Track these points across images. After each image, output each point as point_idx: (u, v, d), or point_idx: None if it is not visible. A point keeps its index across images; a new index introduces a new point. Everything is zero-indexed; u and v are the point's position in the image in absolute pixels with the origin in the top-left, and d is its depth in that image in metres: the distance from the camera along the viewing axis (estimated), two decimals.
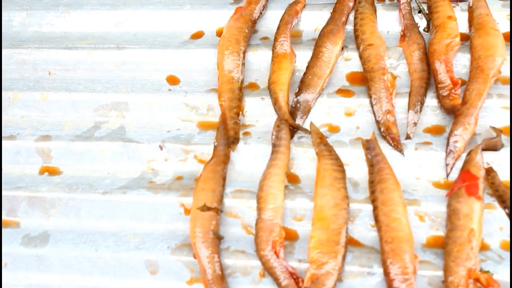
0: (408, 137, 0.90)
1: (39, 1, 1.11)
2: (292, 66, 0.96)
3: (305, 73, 0.96)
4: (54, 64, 1.04)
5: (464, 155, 0.87)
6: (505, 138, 0.87)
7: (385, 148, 0.89)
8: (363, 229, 0.85)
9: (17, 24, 1.09)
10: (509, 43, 0.94)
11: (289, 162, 0.89)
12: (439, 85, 0.91)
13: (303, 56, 0.98)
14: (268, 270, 0.81)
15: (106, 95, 0.99)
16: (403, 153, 0.88)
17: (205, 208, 0.85)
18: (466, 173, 0.85)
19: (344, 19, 1.00)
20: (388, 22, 1.01)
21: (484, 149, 0.86)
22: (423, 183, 0.87)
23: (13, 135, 0.96)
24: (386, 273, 0.79)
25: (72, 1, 1.10)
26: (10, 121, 0.98)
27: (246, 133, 0.94)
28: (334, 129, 0.93)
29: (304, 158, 0.90)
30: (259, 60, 1.00)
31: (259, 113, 0.95)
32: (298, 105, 0.94)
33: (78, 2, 1.10)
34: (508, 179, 0.85)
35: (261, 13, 1.03)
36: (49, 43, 1.05)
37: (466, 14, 0.99)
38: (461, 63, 0.95)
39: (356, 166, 0.89)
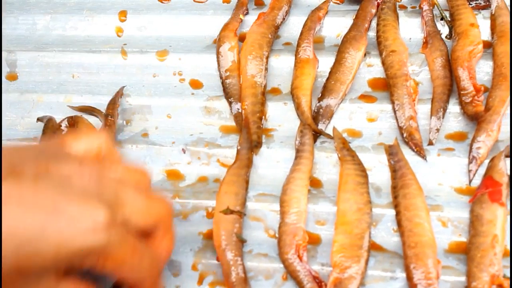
0: (430, 143, 0.91)
1: (63, 5, 1.12)
2: (314, 72, 0.97)
3: (327, 79, 0.97)
4: (77, 67, 1.04)
5: (486, 162, 0.87)
6: None
7: (407, 153, 0.89)
8: (385, 234, 0.85)
9: (41, 27, 1.10)
10: None
11: (312, 167, 0.89)
12: (462, 92, 0.91)
13: (325, 62, 0.99)
14: (291, 274, 0.82)
15: (129, 99, 1.00)
16: (425, 159, 0.89)
17: (228, 212, 0.85)
18: (489, 180, 0.85)
19: (366, 25, 1.00)
20: (410, 28, 1.02)
21: (507, 156, 0.86)
22: (445, 188, 0.87)
23: (37, 137, 0.97)
24: (409, 278, 0.79)
25: (96, 5, 1.11)
26: (34, 123, 0.99)
27: (268, 137, 0.94)
28: (356, 134, 0.94)
29: (326, 163, 0.91)
30: (281, 65, 1.00)
31: (282, 117, 0.96)
32: (321, 110, 0.95)
33: (102, 7, 1.11)
34: None
35: (283, 18, 1.04)
36: (73, 47, 1.06)
37: (488, 22, 0.99)
38: (483, 70, 0.96)
39: (379, 171, 0.89)
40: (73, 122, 0.97)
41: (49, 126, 0.96)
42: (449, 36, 0.99)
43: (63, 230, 0.63)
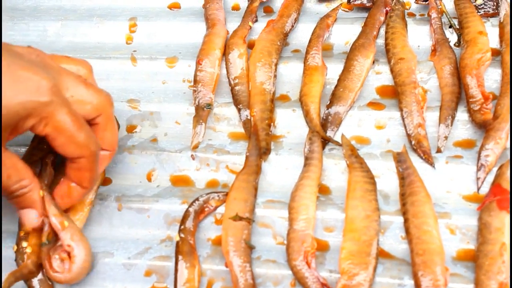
0: (439, 151, 0.91)
1: (73, 12, 1.13)
2: (323, 79, 0.97)
3: (336, 86, 0.97)
4: None
5: (495, 169, 0.88)
6: None
7: (416, 161, 0.90)
8: (393, 241, 0.85)
9: (52, 34, 1.11)
10: None
11: (321, 174, 0.90)
12: (470, 100, 0.92)
13: (334, 69, 0.99)
14: (299, 280, 0.82)
15: (138, 105, 1.01)
16: (434, 166, 0.89)
17: (237, 218, 0.86)
18: (497, 187, 0.85)
19: (375, 33, 1.01)
20: (419, 36, 1.02)
21: None
22: (453, 196, 0.88)
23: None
24: (417, 285, 0.79)
25: (106, 12, 1.12)
26: None
27: (277, 144, 0.95)
28: (365, 142, 0.94)
29: (335, 170, 0.91)
30: (290, 72, 1.01)
31: (290, 124, 0.96)
32: (329, 117, 0.95)
33: (112, 13, 1.12)
34: None
35: (292, 26, 1.04)
36: (83, 53, 1.07)
37: (497, 30, 0.99)
38: (492, 78, 0.96)
39: (387, 179, 0.89)
40: None
41: None
42: (458, 43, 1.00)
43: (12, 87, 0.74)
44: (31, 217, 0.83)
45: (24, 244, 0.86)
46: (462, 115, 0.93)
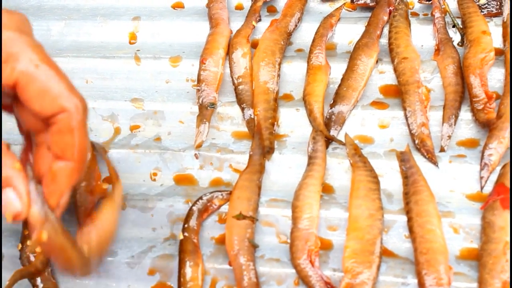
0: (442, 150, 0.91)
1: (77, 11, 1.13)
2: (327, 78, 0.97)
3: (340, 85, 0.97)
4: (91, 73, 1.05)
5: (498, 168, 0.88)
6: None
7: (419, 160, 0.89)
8: (397, 240, 0.85)
9: (55, 33, 1.11)
10: None
11: (324, 173, 0.90)
12: (474, 99, 0.92)
13: (337, 69, 0.99)
14: (303, 279, 0.82)
15: (142, 104, 1.01)
16: (437, 166, 0.89)
17: (241, 217, 0.86)
18: (500, 186, 0.85)
19: (378, 32, 1.01)
20: (422, 36, 1.02)
21: None
22: (457, 195, 0.88)
23: None
24: (421, 284, 0.79)
25: (110, 11, 1.12)
26: None
27: (280, 143, 0.95)
28: (368, 141, 0.94)
29: (338, 169, 0.91)
30: (294, 71, 1.01)
31: (294, 124, 0.96)
32: (333, 116, 0.95)
33: (116, 13, 1.12)
34: None
35: (296, 25, 1.04)
36: (86, 52, 1.07)
37: (500, 29, 1.00)
38: (495, 77, 0.96)
39: (390, 178, 0.89)
40: None
41: None
42: (461, 43, 1.00)
43: None
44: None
45: (29, 242, 0.86)
46: (465, 114, 0.93)
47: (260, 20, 1.06)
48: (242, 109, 0.98)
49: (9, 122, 1.00)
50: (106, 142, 0.98)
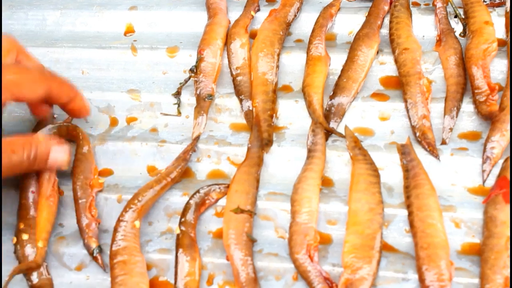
0: (443, 143, 0.89)
1: (73, 0, 1.11)
2: (326, 69, 0.96)
3: (339, 76, 0.96)
4: (87, 64, 1.04)
5: (500, 162, 0.86)
6: None
7: (420, 153, 0.88)
8: (397, 234, 0.84)
9: (51, 23, 1.10)
10: None
11: (324, 166, 0.89)
12: (476, 91, 0.90)
13: (337, 59, 0.98)
14: (302, 274, 0.81)
15: (139, 95, 0.99)
16: (438, 159, 0.88)
17: (238, 211, 0.85)
18: (503, 180, 0.84)
19: (379, 22, 0.99)
20: (423, 26, 1.00)
21: None
22: (458, 189, 0.86)
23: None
24: (422, 280, 0.78)
25: (106, 1, 1.10)
26: None
27: (279, 136, 0.93)
28: (368, 133, 0.93)
29: (338, 162, 0.90)
30: (293, 62, 0.99)
31: (293, 115, 0.95)
32: (333, 108, 0.94)
33: (112, 2, 1.10)
34: None
35: (295, 15, 1.03)
36: (82, 43, 1.06)
37: (503, 20, 0.98)
38: (498, 68, 0.94)
39: (391, 171, 0.88)
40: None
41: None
42: (463, 34, 0.98)
43: None
44: None
45: (25, 236, 0.86)
46: (467, 106, 0.92)
47: (258, 10, 1.05)
48: (240, 100, 0.96)
49: (16, 114, 1.00)
50: (103, 134, 0.97)
